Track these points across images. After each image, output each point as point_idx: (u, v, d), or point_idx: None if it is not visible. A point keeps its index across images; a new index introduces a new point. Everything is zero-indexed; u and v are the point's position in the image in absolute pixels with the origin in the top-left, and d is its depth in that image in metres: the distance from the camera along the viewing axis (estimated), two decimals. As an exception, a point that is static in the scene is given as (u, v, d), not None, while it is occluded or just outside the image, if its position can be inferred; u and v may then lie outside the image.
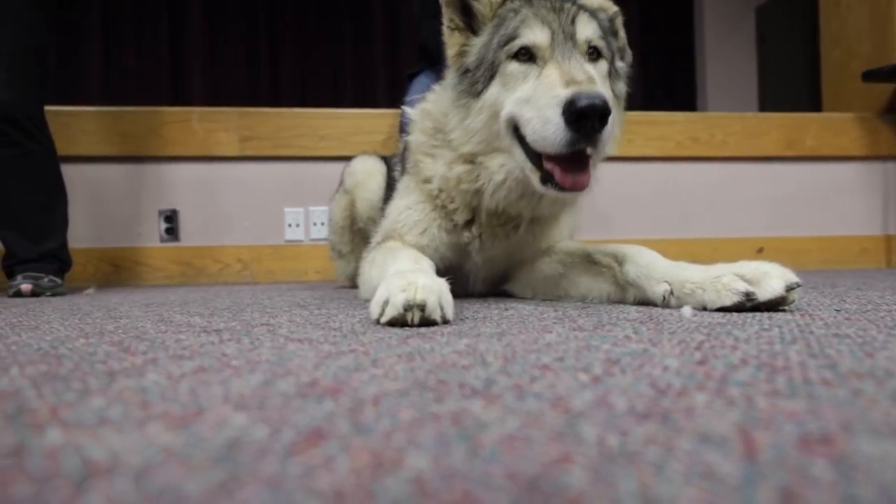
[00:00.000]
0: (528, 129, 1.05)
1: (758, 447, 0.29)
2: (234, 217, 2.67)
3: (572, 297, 1.25)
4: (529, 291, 1.35)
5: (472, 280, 1.38)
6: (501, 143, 1.14)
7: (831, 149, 3.06)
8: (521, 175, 1.13)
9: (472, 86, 1.16)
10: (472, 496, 0.24)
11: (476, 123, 1.15)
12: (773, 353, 0.56)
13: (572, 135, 0.98)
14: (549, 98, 1.01)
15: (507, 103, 1.10)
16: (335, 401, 0.40)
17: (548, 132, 1.00)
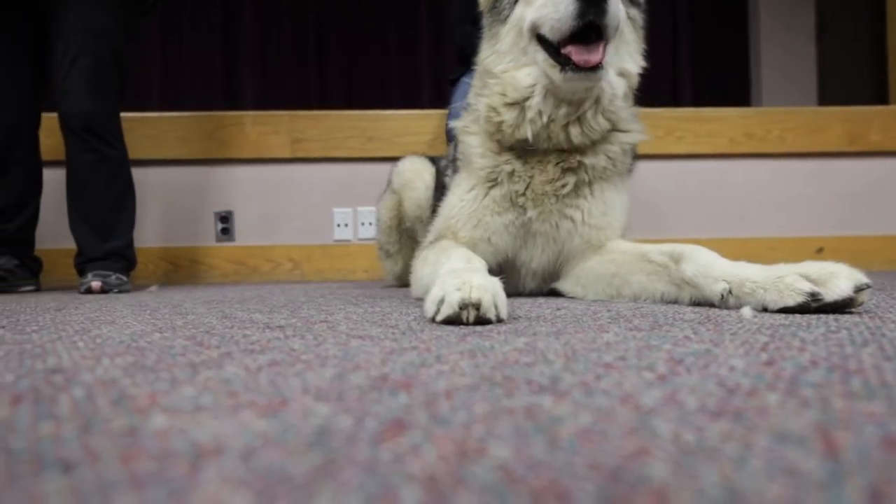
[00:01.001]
0: (546, 25, 1.19)
1: (839, 446, 0.29)
2: (285, 217, 2.75)
3: (624, 296, 1.24)
4: (580, 290, 1.34)
5: (524, 274, 1.39)
6: (527, 58, 1.27)
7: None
8: (546, 82, 1.24)
9: (500, 14, 1.31)
10: (557, 483, 0.25)
11: (504, 45, 1.30)
12: (845, 356, 0.55)
13: (579, 5, 1.12)
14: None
15: (529, 15, 1.24)
16: (409, 394, 0.42)
17: (559, 12, 1.14)
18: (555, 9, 1.16)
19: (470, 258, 1.15)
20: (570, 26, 1.14)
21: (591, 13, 1.12)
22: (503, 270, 1.39)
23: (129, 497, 0.24)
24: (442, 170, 1.73)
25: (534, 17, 1.23)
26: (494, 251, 1.35)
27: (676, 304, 1.12)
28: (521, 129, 1.29)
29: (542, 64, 1.24)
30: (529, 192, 1.32)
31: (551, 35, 1.19)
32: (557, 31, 1.17)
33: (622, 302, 1.21)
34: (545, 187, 1.31)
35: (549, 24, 1.18)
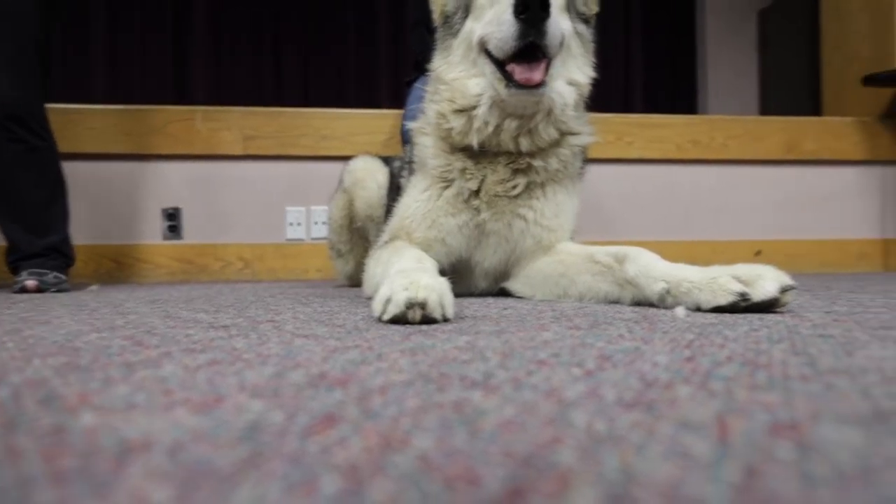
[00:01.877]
0: (492, 42, 1.22)
1: (731, 432, 0.32)
2: (236, 215, 2.70)
3: (571, 296, 1.28)
4: (529, 290, 1.37)
5: (477, 274, 1.42)
6: (477, 70, 1.31)
7: (831, 153, 3.09)
8: (493, 93, 1.27)
9: (451, 28, 1.36)
10: (472, 470, 0.27)
11: (456, 57, 1.34)
12: (759, 352, 0.59)
13: (521, 26, 1.15)
14: (504, 6, 1.18)
15: (478, 30, 1.28)
16: (344, 390, 0.43)
17: (503, 32, 1.17)
18: (498, 28, 1.19)
19: (421, 258, 1.17)
20: (512, 46, 1.18)
21: (532, 34, 1.15)
22: (457, 271, 1.41)
23: (49, 492, 0.25)
24: (397, 171, 1.74)
25: (481, 32, 1.27)
26: (448, 252, 1.37)
27: (619, 303, 1.17)
28: (468, 136, 1.32)
29: (490, 77, 1.27)
30: (483, 193, 1.34)
31: (496, 52, 1.22)
32: (501, 49, 1.20)
33: (569, 301, 1.25)
34: (497, 188, 1.34)
35: (493, 41, 1.22)
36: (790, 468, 0.27)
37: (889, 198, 3.12)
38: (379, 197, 1.81)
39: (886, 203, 3.13)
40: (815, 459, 0.28)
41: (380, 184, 1.83)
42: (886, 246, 3.11)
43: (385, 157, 1.96)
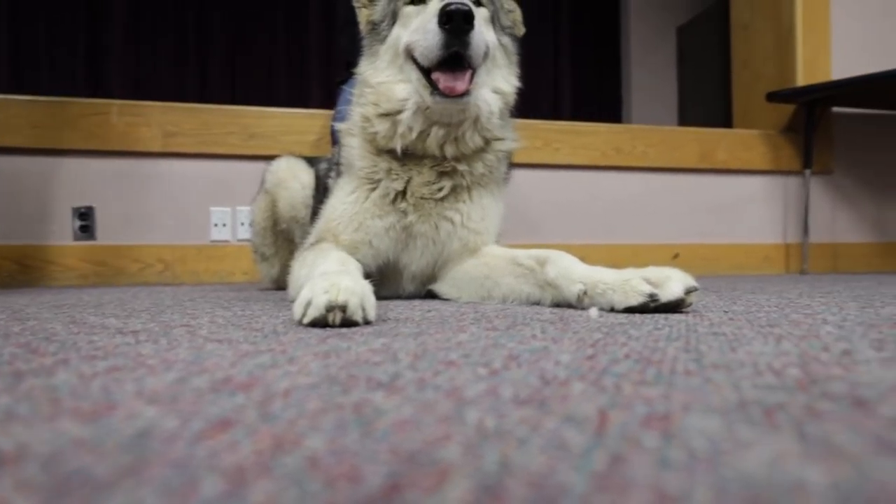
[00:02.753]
0: (418, 50, 1.25)
1: (609, 424, 0.34)
2: (156, 215, 2.58)
3: (495, 297, 1.31)
4: (456, 292, 1.39)
5: (405, 277, 1.42)
6: (403, 75, 1.32)
7: (740, 163, 3.30)
8: (419, 99, 1.29)
9: (378, 34, 1.38)
10: (356, 468, 0.28)
11: (383, 62, 1.35)
12: (655, 349, 0.63)
13: (445, 36, 1.18)
14: (430, 15, 1.23)
15: (405, 37, 1.30)
16: (247, 394, 0.43)
17: (428, 41, 1.21)
18: (424, 37, 1.22)
19: (345, 260, 1.16)
20: (437, 55, 1.21)
21: (456, 44, 1.19)
22: (384, 273, 1.41)
23: None
24: (323, 172, 1.72)
25: (408, 40, 1.29)
26: (375, 254, 1.37)
27: (540, 304, 1.21)
28: (392, 140, 1.34)
29: (416, 83, 1.29)
30: (409, 195, 1.35)
31: (422, 60, 1.25)
32: (426, 57, 1.23)
33: (493, 303, 1.28)
34: (423, 190, 1.35)
35: (419, 49, 1.24)
36: (651, 455, 0.29)
37: (790, 206, 3.38)
38: (303, 197, 1.78)
39: (788, 210, 3.38)
40: (674, 446, 0.30)
41: (304, 184, 1.80)
42: (788, 250, 3.37)
43: (310, 158, 1.93)
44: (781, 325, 0.83)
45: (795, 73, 3.27)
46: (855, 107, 3.33)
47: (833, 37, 3.33)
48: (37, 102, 2.47)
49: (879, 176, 3.47)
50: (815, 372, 0.50)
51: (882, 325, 0.82)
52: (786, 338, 0.71)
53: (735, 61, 3.71)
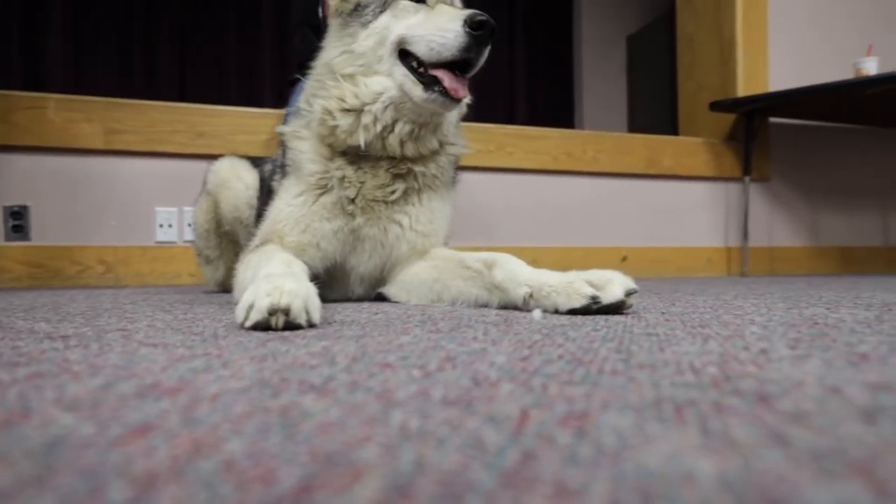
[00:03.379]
0: (422, 43, 1.23)
1: (528, 423, 0.36)
2: (97, 215, 2.49)
3: (444, 300, 1.32)
4: (405, 294, 1.40)
5: (354, 279, 1.42)
6: (381, 67, 1.30)
7: (684, 169, 3.43)
8: (397, 95, 1.28)
9: (361, 17, 1.33)
10: (272, 470, 0.28)
11: (363, 47, 1.31)
12: (588, 350, 0.65)
13: (468, 40, 1.19)
14: (450, 16, 1.22)
15: (397, 28, 1.28)
16: (173, 399, 0.42)
17: (446, 38, 1.20)
18: (441, 35, 1.21)
19: (290, 262, 1.15)
20: (452, 55, 1.20)
21: (474, 52, 1.20)
22: (332, 276, 1.40)
23: None
24: (268, 173, 1.69)
25: (404, 32, 1.27)
26: (323, 256, 1.35)
27: (488, 306, 1.22)
28: (354, 135, 1.32)
29: (401, 78, 1.27)
30: (359, 198, 1.35)
31: (427, 56, 1.23)
32: (436, 53, 1.22)
33: (442, 305, 1.29)
34: (375, 193, 1.35)
35: (425, 45, 1.22)
36: (562, 451, 0.30)
37: (731, 211, 3.53)
38: (247, 198, 1.75)
39: (729, 215, 3.53)
40: (585, 443, 0.32)
41: (247, 184, 1.77)
42: (729, 253, 3.51)
43: (254, 159, 1.90)
44: (712, 326, 0.87)
45: (736, 84, 3.42)
46: (790, 117, 3.51)
47: (770, 50, 3.50)
48: (-34, 95, 2.35)
49: (813, 183, 3.66)
50: (731, 370, 0.52)
51: (802, 325, 0.87)
52: (713, 338, 0.74)
53: (680, 71, 3.85)
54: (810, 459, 0.28)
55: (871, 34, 3.52)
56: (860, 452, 0.29)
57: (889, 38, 3.59)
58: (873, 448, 0.30)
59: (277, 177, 1.51)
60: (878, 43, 3.24)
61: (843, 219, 3.73)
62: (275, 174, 1.56)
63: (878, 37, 3.51)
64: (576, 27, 5.53)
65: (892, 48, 3.46)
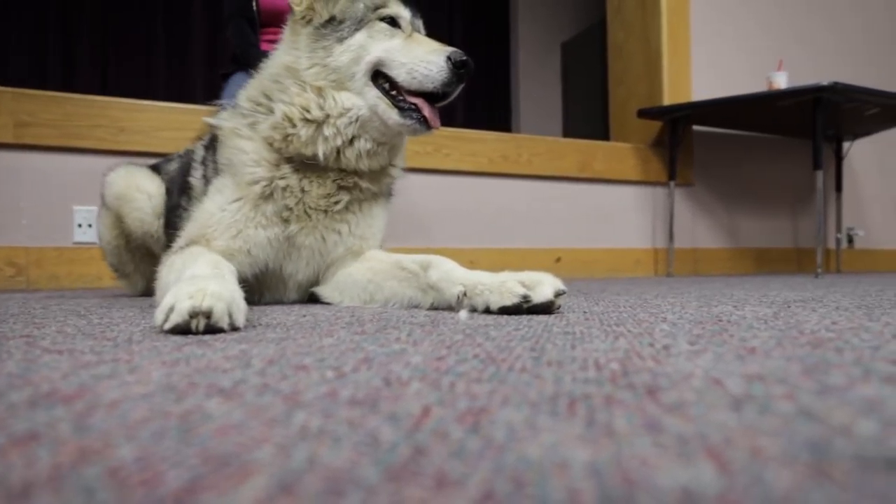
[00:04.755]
0: (403, 69, 1.29)
1: (426, 420, 0.37)
2: (6, 214, 2.33)
3: (377, 301, 1.32)
4: (338, 295, 1.39)
5: (290, 286, 1.40)
6: (353, 84, 1.32)
7: (615, 173, 3.57)
8: (366, 115, 1.32)
9: (336, 31, 1.34)
10: (159, 474, 0.28)
11: (337, 62, 1.32)
12: (504, 349, 0.67)
13: (451, 76, 1.27)
14: (432, 49, 1.29)
15: (375, 50, 1.31)
16: (68, 407, 0.41)
17: (430, 71, 1.26)
18: (425, 66, 1.26)
19: (218, 263, 1.12)
20: (434, 87, 1.27)
21: (453, 86, 1.28)
22: (265, 280, 1.37)
23: None
24: (178, 171, 1.61)
25: (382, 55, 1.30)
26: (252, 262, 1.32)
27: (420, 307, 1.24)
28: (311, 146, 1.31)
29: (374, 100, 1.31)
30: (298, 206, 1.33)
31: (407, 84, 1.28)
32: (417, 83, 1.27)
33: (374, 306, 1.29)
34: (319, 202, 1.34)
35: (406, 72, 1.28)
36: (452, 446, 0.32)
37: (658, 214, 3.70)
38: (153, 208, 1.66)
39: (656, 218, 3.70)
40: (476, 437, 0.33)
41: (150, 194, 1.67)
42: (656, 254, 3.68)
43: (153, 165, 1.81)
44: (626, 324, 0.92)
45: (662, 93, 3.59)
46: (712, 126, 3.72)
47: (693, 61, 3.69)
48: None
49: (732, 189, 3.89)
50: (632, 365, 0.56)
51: (708, 322, 0.93)
52: (624, 335, 0.78)
53: (611, 79, 4.00)
54: (674, 445, 0.31)
55: (783, 48, 3.78)
56: (718, 437, 0.32)
57: (799, 52, 3.87)
58: (731, 432, 0.33)
59: (199, 173, 1.46)
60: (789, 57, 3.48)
61: (759, 221, 3.99)
62: (192, 169, 1.50)
63: (789, 51, 3.77)
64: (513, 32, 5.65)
65: (802, 63, 3.73)
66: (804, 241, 4.08)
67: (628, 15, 3.83)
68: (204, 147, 1.51)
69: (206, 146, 1.50)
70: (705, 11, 3.73)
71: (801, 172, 3.93)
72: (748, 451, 0.29)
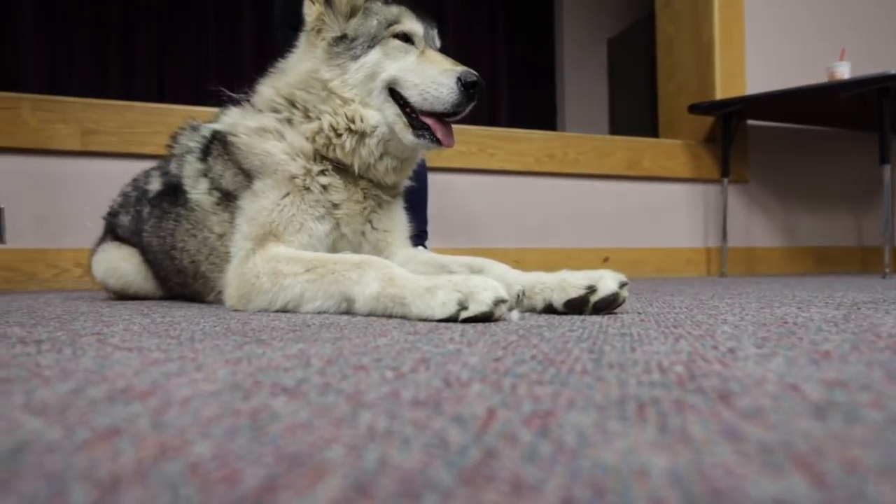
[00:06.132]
0: (415, 90, 1.29)
1: (492, 423, 0.36)
2: (74, 217, 2.45)
3: None
4: None
5: None
6: (372, 101, 1.33)
7: (664, 171, 3.48)
8: (387, 132, 1.33)
9: (350, 50, 1.35)
10: (237, 471, 0.28)
11: (354, 80, 1.34)
12: (561, 350, 0.66)
13: (462, 97, 1.26)
14: (443, 70, 1.28)
15: (389, 68, 1.32)
16: (143, 403, 0.43)
17: (441, 93, 1.26)
18: (436, 88, 1.26)
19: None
20: (444, 109, 1.27)
21: (464, 106, 1.28)
22: None
23: None
24: (205, 171, 1.48)
25: (397, 74, 1.31)
26: None
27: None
28: (352, 156, 1.34)
29: (392, 118, 1.32)
30: (345, 208, 1.36)
31: (419, 105, 1.29)
32: (429, 104, 1.27)
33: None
34: (355, 206, 1.38)
35: (419, 94, 1.28)
36: (522, 449, 0.31)
37: (710, 212, 3.58)
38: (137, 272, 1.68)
39: (708, 216, 3.58)
40: (546, 441, 0.33)
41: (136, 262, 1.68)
42: (709, 254, 3.57)
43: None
44: (685, 326, 0.89)
45: (714, 87, 3.48)
46: (767, 120, 3.57)
47: (748, 53, 3.56)
48: (-62, 95, 2.30)
49: (790, 185, 3.73)
50: (698, 369, 0.54)
51: (772, 324, 0.89)
52: (684, 337, 0.76)
53: (660, 74, 3.90)
54: (758, 454, 0.29)
55: (842, 39, 3.60)
56: (806, 446, 0.30)
57: (859, 42, 3.67)
58: (819, 442, 0.31)
59: (203, 186, 1.44)
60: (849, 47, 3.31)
61: (818, 220, 3.81)
62: (185, 185, 1.47)
63: (850, 41, 3.59)
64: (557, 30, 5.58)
65: (862, 52, 3.54)
66: (869, 240, 3.88)
67: (678, 8, 3.72)
68: (198, 159, 1.47)
69: (200, 158, 1.46)
70: (759, 1, 3.59)
71: (864, 167, 3.73)
72: (841, 462, 0.28)
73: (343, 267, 1.14)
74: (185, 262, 1.51)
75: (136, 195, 1.75)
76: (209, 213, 1.44)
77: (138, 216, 1.69)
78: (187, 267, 1.52)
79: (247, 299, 1.24)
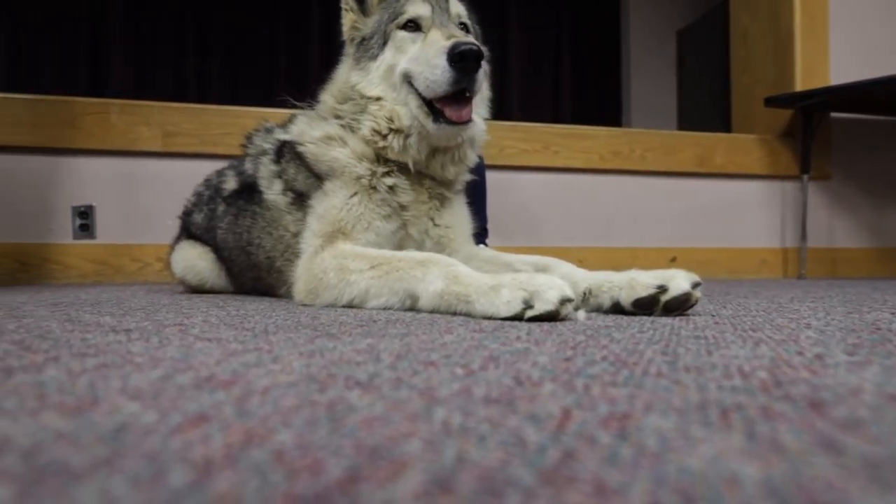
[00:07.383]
0: (420, 80, 1.27)
1: (570, 423, 0.36)
2: (155, 214, 2.60)
3: None
4: None
5: None
6: (398, 96, 1.34)
7: (737, 167, 3.32)
8: (417, 124, 1.32)
9: (368, 51, 1.38)
10: (320, 461, 0.29)
11: (375, 78, 1.36)
12: (633, 352, 0.64)
13: (455, 74, 1.21)
14: (436, 50, 1.24)
15: (402, 62, 1.32)
16: (227, 391, 0.44)
17: (436, 76, 1.22)
18: (431, 72, 1.24)
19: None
20: (445, 91, 1.24)
21: (465, 81, 1.23)
22: None
23: None
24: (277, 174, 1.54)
25: (407, 67, 1.31)
26: None
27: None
28: (403, 156, 1.36)
29: (416, 110, 1.31)
30: (413, 209, 1.38)
31: (426, 93, 1.27)
32: (431, 90, 1.25)
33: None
34: (421, 207, 1.39)
35: (422, 81, 1.26)
36: (602, 451, 0.30)
37: (788, 210, 3.39)
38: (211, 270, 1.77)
39: (786, 215, 3.39)
40: (627, 444, 0.32)
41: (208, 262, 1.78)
42: (786, 254, 3.38)
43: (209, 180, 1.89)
44: (764, 330, 0.84)
45: (794, 78, 3.28)
46: (853, 112, 3.34)
47: (832, 42, 3.34)
48: (37, 101, 2.50)
49: (877, 182, 3.48)
50: (783, 375, 0.51)
51: (862, 330, 0.83)
52: (765, 342, 0.72)
53: (734, 66, 3.72)
54: (863, 468, 0.27)
55: (943, 23, 3.32)
56: (917, 462, 0.28)
57: (963, 26, 3.37)
58: (932, 458, 0.28)
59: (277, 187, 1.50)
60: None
61: (911, 219, 3.53)
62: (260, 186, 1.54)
63: (951, 25, 3.30)
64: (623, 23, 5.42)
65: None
66: (969, 241, 3.56)
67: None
68: (272, 160, 1.53)
69: (274, 160, 1.53)
70: (845, -13, 3.37)
71: (965, 162, 3.43)
72: (960, 481, 0.26)
73: (407, 264, 1.15)
74: (260, 257, 1.58)
75: (208, 194, 1.84)
76: (284, 212, 1.49)
77: (211, 213, 1.77)
78: (262, 262, 1.58)
79: (314, 294, 1.27)
